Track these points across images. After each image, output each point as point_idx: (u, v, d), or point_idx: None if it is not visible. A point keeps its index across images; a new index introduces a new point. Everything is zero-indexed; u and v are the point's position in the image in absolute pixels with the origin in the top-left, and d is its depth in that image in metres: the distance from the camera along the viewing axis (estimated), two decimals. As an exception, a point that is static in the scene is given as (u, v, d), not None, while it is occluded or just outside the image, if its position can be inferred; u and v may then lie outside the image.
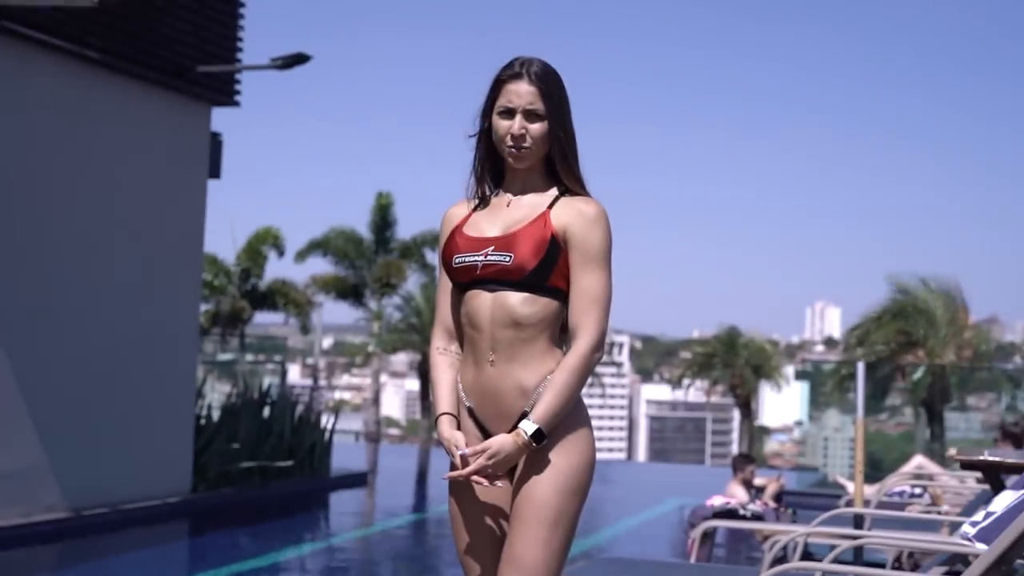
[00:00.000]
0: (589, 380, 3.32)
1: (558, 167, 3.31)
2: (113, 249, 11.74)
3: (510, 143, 3.27)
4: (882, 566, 7.15)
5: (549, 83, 3.28)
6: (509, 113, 3.27)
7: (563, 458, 3.18)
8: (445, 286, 3.39)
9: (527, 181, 3.35)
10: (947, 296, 22.36)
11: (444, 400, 3.33)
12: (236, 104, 13.31)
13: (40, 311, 10.80)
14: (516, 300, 3.21)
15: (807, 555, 7.21)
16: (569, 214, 3.24)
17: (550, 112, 3.26)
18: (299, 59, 12.65)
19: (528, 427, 3.13)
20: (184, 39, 12.41)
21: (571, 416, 3.21)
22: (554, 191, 3.32)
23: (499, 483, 3.18)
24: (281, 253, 28.84)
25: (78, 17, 11.03)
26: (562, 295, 3.25)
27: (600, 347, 3.22)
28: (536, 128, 3.26)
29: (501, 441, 3.13)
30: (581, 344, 3.20)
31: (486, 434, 3.28)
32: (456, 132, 3.41)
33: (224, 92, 13.08)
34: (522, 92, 3.26)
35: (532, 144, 3.26)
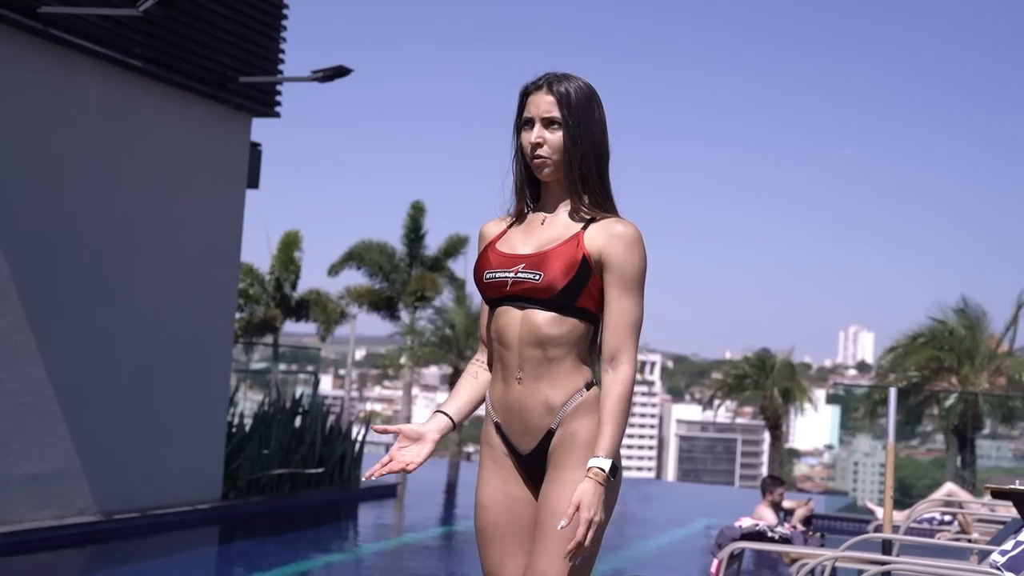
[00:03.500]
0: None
1: (565, 177, 3.27)
2: (150, 256, 11.83)
3: (529, 152, 3.28)
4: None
5: (571, 94, 3.25)
6: (530, 124, 3.28)
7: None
8: (486, 307, 3.42)
9: (562, 197, 3.34)
10: (978, 323, 22.25)
11: (448, 402, 3.42)
12: (276, 115, 13.41)
13: (77, 316, 10.90)
14: (544, 319, 3.21)
15: (834, 579, 7.20)
16: (605, 237, 3.22)
17: (566, 121, 3.24)
18: (340, 72, 12.71)
19: (603, 464, 3.10)
20: (226, 49, 12.51)
21: (596, 434, 3.21)
22: (590, 211, 3.31)
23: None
24: (295, 247, 28.91)
25: (122, 26, 11.15)
26: (590, 316, 3.25)
27: (635, 375, 3.25)
28: (555, 137, 3.24)
29: (583, 490, 3.08)
30: (625, 372, 3.20)
31: (512, 449, 3.31)
32: (493, 147, 3.44)
33: (265, 103, 13.17)
34: (540, 101, 3.26)
35: (551, 153, 3.25)
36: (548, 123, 3.25)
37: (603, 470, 3.09)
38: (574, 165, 3.27)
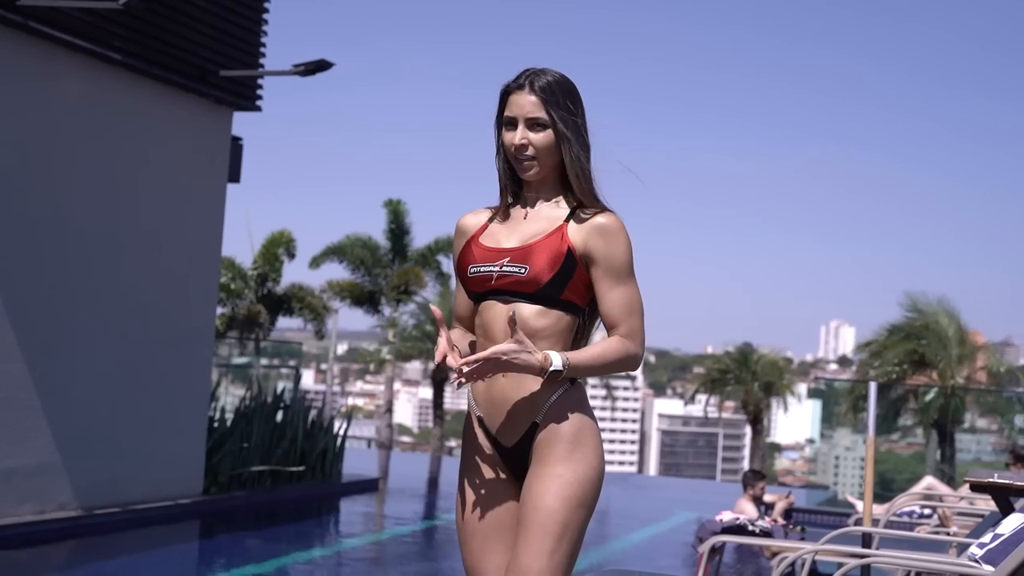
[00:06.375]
0: (603, 392, 3.33)
1: (569, 177, 3.27)
2: (131, 251, 11.80)
3: (514, 154, 3.27)
4: (889, 586, 7.17)
5: (554, 92, 3.24)
6: (512, 124, 3.27)
7: (571, 470, 3.18)
8: (461, 290, 3.41)
9: (543, 192, 3.34)
10: (955, 317, 22.38)
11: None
12: (258, 109, 13.38)
13: (57, 310, 10.87)
14: (529, 312, 3.20)
15: (815, 573, 7.23)
16: (588, 231, 3.23)
17: (555, 121, 3.23)
18: (321, 66, 12.69)
19: (556, 359, 3.12)
20: (207, 43, 12.48)
21: (580, 428, 3.21)
22: (570, 203, 3.31)
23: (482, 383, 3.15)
24: (292, 256, 28.84)
25: (103, 19, 11.11)
26: (576, 309, 3.26)
27: (642, 356, 3.28)
28: (539, 138, 3.23)
29: (518, 348, 3.10)
30: (632, 344, 3.23)
31: (495, 444, 3.30)
32: (472, 143, 3.43)
33: (246, 97, 13.14)
34: (523, 102, 3.24)
35: (535, 154, 3.25)
36: (532, 124, 3.24)
37: (551, 362, 3.11)
38: (568, 165, 3.27)
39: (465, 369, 3.07)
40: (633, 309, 3.25)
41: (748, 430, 36.44)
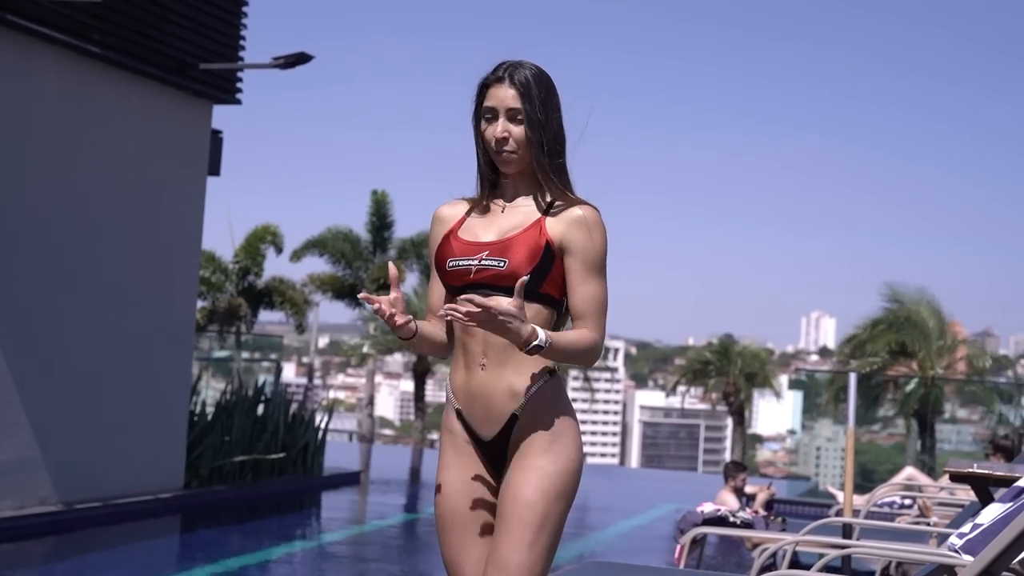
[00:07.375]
0: (581, 384, 3.32)
1: (536, 170, 3.28)
2: (111, 244, 11.75)
3: (494, 147, 3.27)
4: (871, 575, 7.20)
5: (531, 85, 3.25)
6: (493, 116, 3.27)
7: (550, 462, 3.18)
8: (436, 281, 3.40)
9: (520, 185, 3.34)
10: (935, 308, 22.44)
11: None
12: (237, 102, 13.33)
13: (37, 304, 10.82)
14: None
15: (796, 563, 7.25)
16: (566, 223, 3.23)
17: (530, 114, 3.23)
18: (301, 59, 12.66)
19: (541, 335, 3.07)
20: (186, 36, 12.43)
21: (559, 420, 3.22)
22: (548, 196, 3.30)
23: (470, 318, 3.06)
24: (280, 250, 28.75)
25: (81, 12, 11.06)
26: (553, 302, 3.26)
27: (602, 345, 3.28)
28: (519, 131, 3.24)
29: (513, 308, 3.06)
30: (599, 339, 3.24)
31: (474, 436, 3.30)
32: (454, 137, 3.42)
33: (225, 90, 13.10)
34: (503, 95, 3.24)
35: (516, 147, 3.25)
36: (512, 116, 3.24)
37: (536, 336, 3.06)
38: (539, 156, 3.26)
39: (463, 309, 3.01)
40: (601, 306, 3.26)
41: (729, 421, 36.52)
